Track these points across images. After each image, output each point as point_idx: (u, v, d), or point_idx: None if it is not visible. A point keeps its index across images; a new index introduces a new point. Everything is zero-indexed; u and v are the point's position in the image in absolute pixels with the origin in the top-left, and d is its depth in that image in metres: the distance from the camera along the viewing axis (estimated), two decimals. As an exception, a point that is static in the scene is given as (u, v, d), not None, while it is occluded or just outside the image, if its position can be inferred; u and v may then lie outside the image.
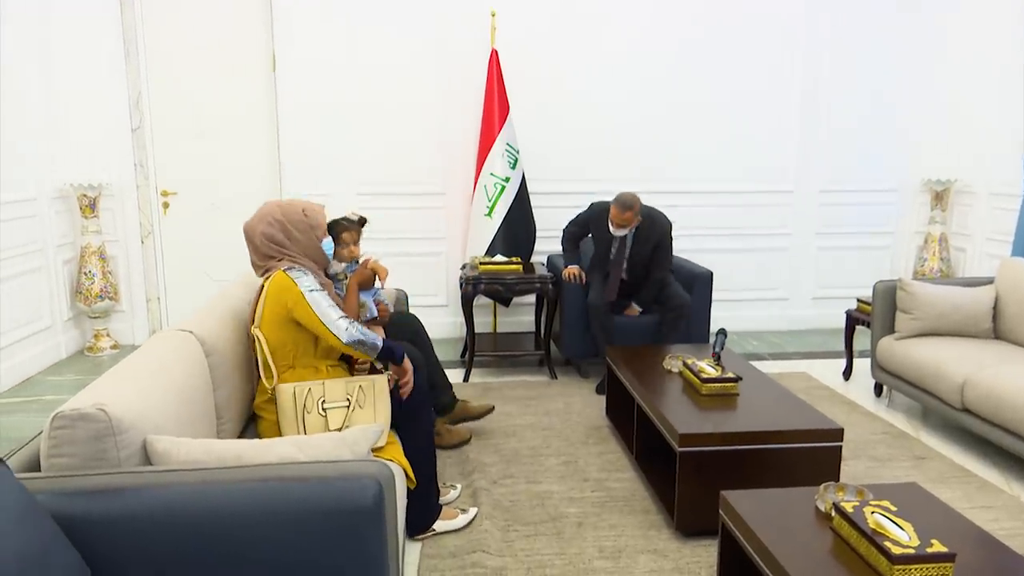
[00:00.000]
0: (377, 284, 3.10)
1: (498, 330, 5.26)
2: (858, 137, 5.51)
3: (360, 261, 3.11)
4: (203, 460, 1.73)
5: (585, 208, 4.43)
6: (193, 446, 1.76)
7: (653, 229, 4.20)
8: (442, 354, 3.54)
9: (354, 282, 3.02)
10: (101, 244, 4.93)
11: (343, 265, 3.12)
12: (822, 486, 2.04)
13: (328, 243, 2.63)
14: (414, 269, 5.16)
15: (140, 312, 5.18)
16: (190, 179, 5.16)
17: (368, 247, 3.20)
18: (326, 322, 2.36)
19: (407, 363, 2.57)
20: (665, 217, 4.27)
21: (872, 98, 5.47)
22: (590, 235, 4.42)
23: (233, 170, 5.17)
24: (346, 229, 3.08)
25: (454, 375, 4.24)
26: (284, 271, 2.40)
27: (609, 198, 4.23)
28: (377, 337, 2.47)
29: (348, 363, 2.64)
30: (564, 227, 4.51)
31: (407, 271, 4.90)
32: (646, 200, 4.95)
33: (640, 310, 4.31)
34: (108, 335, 5.04)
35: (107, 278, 4.90)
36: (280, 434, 2.38)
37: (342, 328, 2.37)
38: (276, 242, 2.45)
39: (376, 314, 3.15)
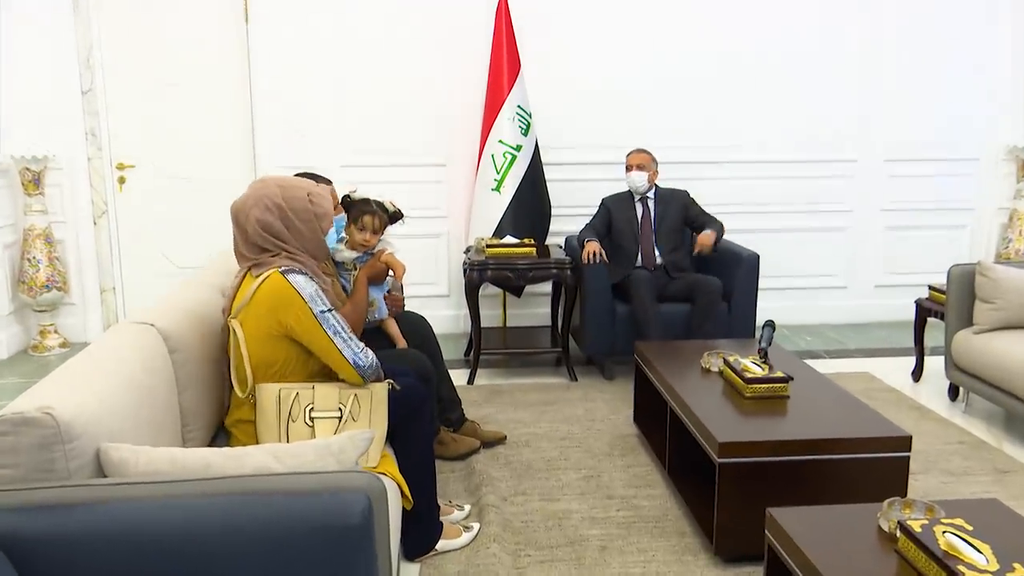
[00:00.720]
0: (390, 277, 3.16)
1: (508, 324, 5.28)
2: (931, 97, 5.48)
3: (374, 252, 3.15)
4: (166, 471, 1.74)
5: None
6: (155, 455, 1.78)
7: (673, 193, 4.66)
8: (443, 352, 3.56)
9: (364, 275, 3.06)
10: (47, 226, 4.96)
11: (354, 254, 3.15)
12: (886, 502, 2.04)
13: (332, 236, 2.64)
14: (410, 253, 5.06)
15: (93, 305, 5.23)
16: (150, 150, 5.19)
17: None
18: (347, 354, 2.34)
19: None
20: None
21: (946, 50, 5.43)
22: (611, 228, 4.64)
23: (199, 139, 5.20)
24: (371, 213, 3.12)
25: (457, 376, 4.23)
26: (282, 273, 2.31)
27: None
28: (376, 358, 2.47)
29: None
30: (578, 233, 4.67)
31: (401, 256, 4.90)
32: (684, 172, 5.03)
33: (715, 236, 4.43)
34: (56, 332, 5.09)
35: (54, 265, 4.94)
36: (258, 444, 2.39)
37: (363, 366, 2.37)
38: (272, 232, 2.37)
39: (385, 315, 3.19)
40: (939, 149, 5.54)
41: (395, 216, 3.21)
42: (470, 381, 4.45)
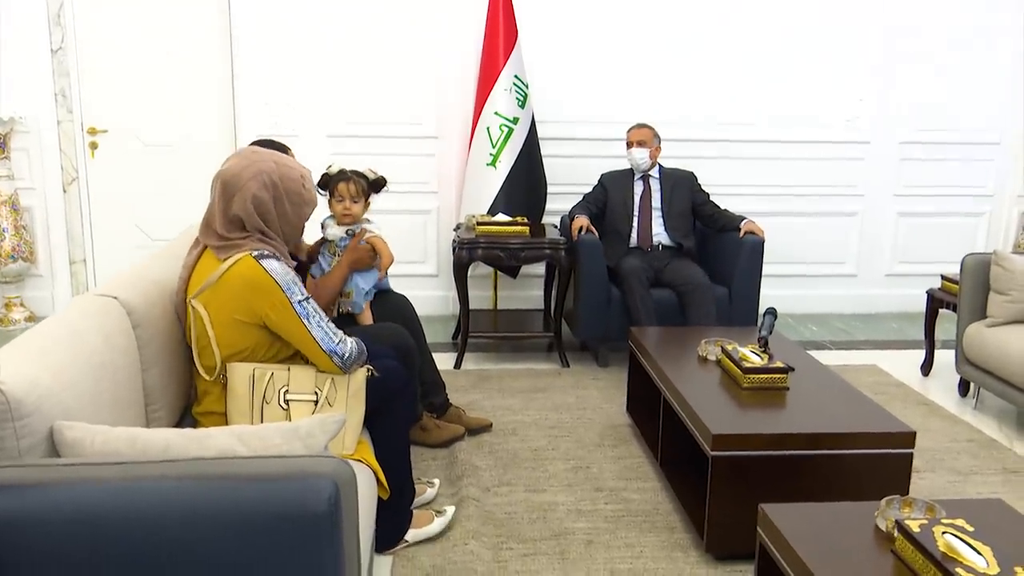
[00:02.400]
0: (376, 271, 3.15)
1: (499, 306, 5.26)
2: (949, 77, 5.44)
3: (357, 231, 3.12)
4: (124, 452, 1.73)
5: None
6: (112, 435, 1.76)
7: (680, 175, 4.68)
8: (429, 335, 3.55)
9: (346, 260, 3.04)
10: (13, 192, 4.93)
11: (342, 230, 3.13)
12: (884, 500, 2.03)
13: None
14: (397, 230, 5.09)
15: (62, 277, 5.20)
16: (124, 114, 5.15)
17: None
18: (326, 345, 2.30)
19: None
20: None
21: (966, 28, 5.39)
22: (605, 208, 4.64)
23: (177, 103, 5.16)
24: (344, 180, 3.10)
25: (444, 360, 4.24)
26: (255, 258, 2.25)
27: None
28: (359, 343, 2.44)
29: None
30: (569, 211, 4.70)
31: (387, 232, 4.88)
32: (687, 150, 5.00)
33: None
34: (22, 304, 5.07)
35: (20, 234, 4.91)
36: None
37: (343, 357, 2.33)
38: (262, 211, 2.30)
39: (360, 311, 3.17)
40: (957, 132, 5.52)
41: (377, 183, 3.18)
42: (457, 365, 4.45)
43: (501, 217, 4.65)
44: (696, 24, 5.24)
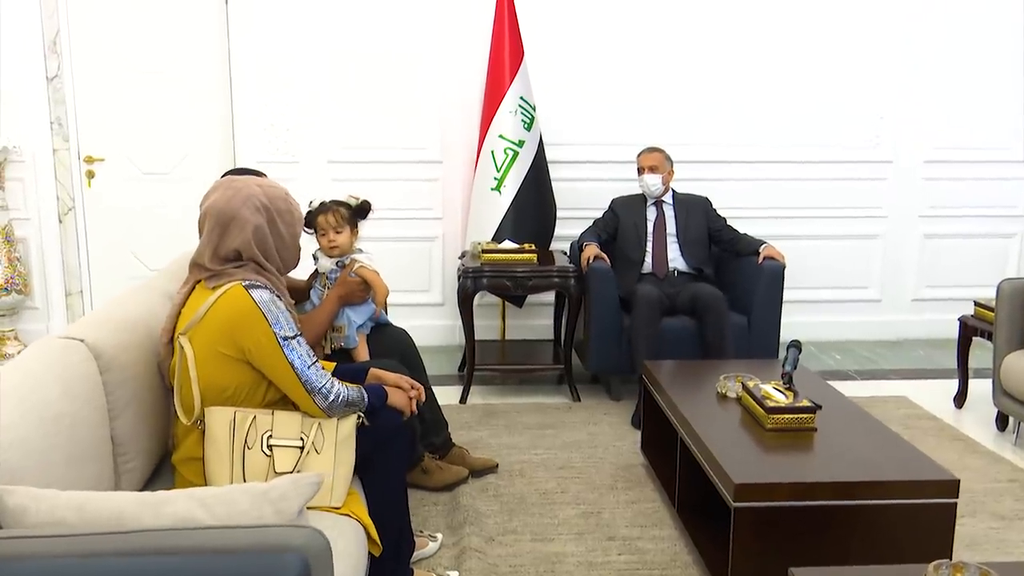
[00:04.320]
0: (370, 304, 3.01)
1: (506, 337, 5.11)
2: (975, 93, 5.28)
3: (346, 263, 2.99)
4: (70, 522, 1.55)
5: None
6: (59, 501, 1.58)
7: (694, 200, 4.53)
8: (434, 367, 3.38)
9: (335, 295, 2.94)
10: (7, 223, 4.82)
11: (332, 262, 3.00)
12: (932, 566, 1.81)
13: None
14: (400, 257, 5.01)
15: (57, 309, 5.10)
16: (121, 142, 5.06)
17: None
18: (309, 388, 2.18)
19: (397, 396, 2.47)
20: None
21: (992, 41, 5.23)
22: (616, 235, 4.50)
23: (175, 132, 5.07)
24: (323, 212, 3.04)
25: (449, 394, 4.08)
26: (245, 287, 2.15)
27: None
28: (362, 391, 2.30)
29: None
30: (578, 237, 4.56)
31: (390, 260, 4.73)
32: (701, 171, 4.82)
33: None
34: (16, 338, 4.96)
35: (14, 266, 4.80)
36: (206, 482, 2.19)
37: (328, 399, 2.20)
38: (260, 239, 2.20)
39: (354, 345, 3.02)
40: (984, 150, 5.35)
41: (361, 209, 3.03)
42: (462, 399, 4.27)
43: (507, 244, 4.50)
44: (710, 42, 5.11)
